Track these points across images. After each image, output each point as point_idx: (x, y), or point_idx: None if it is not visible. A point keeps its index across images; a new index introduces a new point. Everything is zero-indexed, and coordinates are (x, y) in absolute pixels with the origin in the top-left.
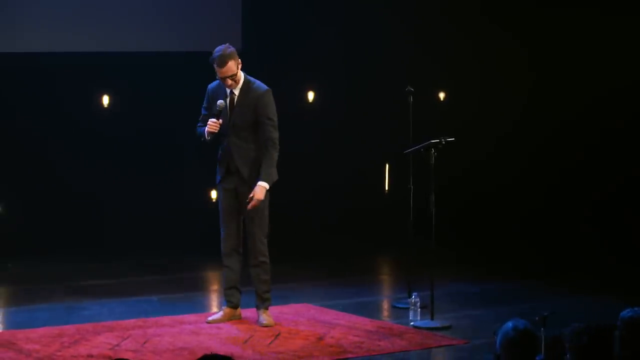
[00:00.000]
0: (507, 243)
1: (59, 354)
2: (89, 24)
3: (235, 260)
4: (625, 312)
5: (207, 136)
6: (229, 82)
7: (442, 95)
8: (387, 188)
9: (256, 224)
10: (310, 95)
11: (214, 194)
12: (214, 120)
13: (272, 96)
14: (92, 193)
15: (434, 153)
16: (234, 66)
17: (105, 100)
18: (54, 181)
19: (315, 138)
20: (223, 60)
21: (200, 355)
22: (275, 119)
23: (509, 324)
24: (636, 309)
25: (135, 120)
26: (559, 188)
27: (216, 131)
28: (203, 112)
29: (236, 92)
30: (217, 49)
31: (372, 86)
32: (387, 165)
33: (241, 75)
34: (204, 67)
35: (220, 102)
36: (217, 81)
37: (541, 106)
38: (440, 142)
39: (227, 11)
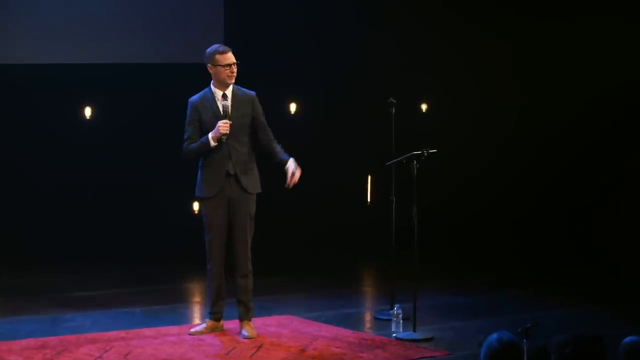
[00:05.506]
0: (492, 254)
1: None
2: (70, 36)
3: (222, 272)
4: (628, 339)
5: (215, 141)
6: (234, 69)
7: (424, 107)
8: (369, 199)
9: (247, 233)
10: (293, 107)
11: (196, 206)
12: (224, 121)
13: None
14: (75, 204)
15: (416, 165)
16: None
17: (88, 112)
18: (37, 192)
19: (297, 150)
20: (225, 49)
21: None
22: None
23: (494, 336)
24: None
25: (118, 133)
26: (545, 200)
27: (228, 132)
28: (187, 127)
29: (229, 93)
30: (213, 45)
31: (355, 97)
32: (369, 177)
33: None
34: (188, 78)
35: (224, 102)
36: (198, 95)
37: (529, 119)
38: (422, 154)
39: (210, 24)
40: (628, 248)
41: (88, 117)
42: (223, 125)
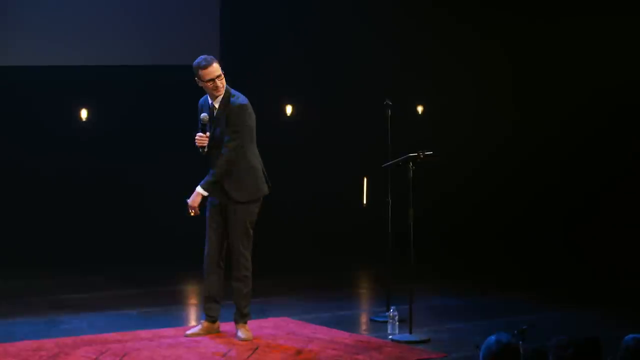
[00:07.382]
0: (488, 256)
1: None
2: (67, 38)
3: (216, 275)
4: (629, 337)
5: (200, 149)
6: (217, 84)
7: (420, 109)
8: (365, 202)
9: (241, 239)
10: (289, 109)
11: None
12: (200, 134)
13: (247, 109)
14: (73, 206)
15: (412, 167)
16: (219, 68)
17: (84, 113)
18: (32, 194)
19: (293, 152)
20: (208, 62)
21: None
22: (242, 130)
23: (492, 338)
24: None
25: (116, 134)
26: (540, 203)
27: (204, 144)
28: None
29: (216, 104)
30: (199, 58)
31: (351, 99)
32: (365, 179)
33: (223, 87)
34: (184, 80)
35: (203, 115)
36: (203, 98)
37: (526, 120)
38: (418, 156)
39: (206, 26)
40: (623, 250)
41: (85, 119)
42: (198, 139)
